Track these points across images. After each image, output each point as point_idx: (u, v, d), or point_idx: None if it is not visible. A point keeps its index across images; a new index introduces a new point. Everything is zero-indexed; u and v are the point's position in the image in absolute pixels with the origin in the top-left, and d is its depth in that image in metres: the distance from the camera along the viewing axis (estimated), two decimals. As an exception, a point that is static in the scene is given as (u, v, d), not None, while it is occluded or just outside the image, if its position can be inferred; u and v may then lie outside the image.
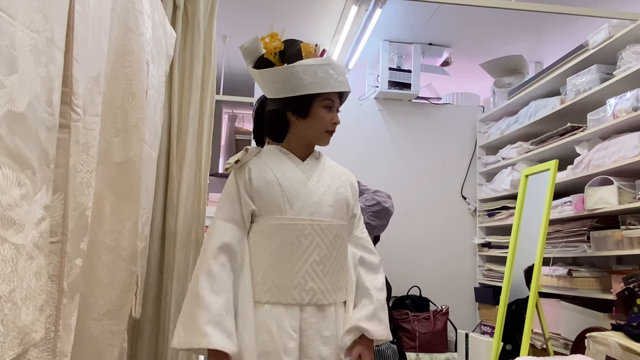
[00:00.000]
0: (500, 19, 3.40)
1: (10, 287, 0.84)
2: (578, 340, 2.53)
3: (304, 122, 1.48)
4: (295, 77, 1.41)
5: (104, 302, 1.46)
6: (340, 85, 1.47)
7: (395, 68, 3.86)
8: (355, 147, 3.78)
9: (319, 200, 1.45)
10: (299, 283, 1.38)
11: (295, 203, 1.43)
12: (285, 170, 1.47)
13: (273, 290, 1.38)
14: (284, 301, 1.37)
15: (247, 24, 3.57)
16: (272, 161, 1.49)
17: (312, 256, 1.40)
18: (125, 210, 1.52)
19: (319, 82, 1.42)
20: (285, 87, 1.43)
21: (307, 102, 1.45)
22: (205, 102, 2.21)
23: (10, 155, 0.83)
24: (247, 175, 1.46)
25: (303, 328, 1.38)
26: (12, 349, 0.86)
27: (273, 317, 1.36)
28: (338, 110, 1.52)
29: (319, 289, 1.40)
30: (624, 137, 2.50)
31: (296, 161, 1.51)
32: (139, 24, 1.52)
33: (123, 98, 1.47)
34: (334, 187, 1.50)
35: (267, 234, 1.42)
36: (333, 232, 1.45)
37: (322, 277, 1.41)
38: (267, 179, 1.44)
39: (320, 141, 1.52)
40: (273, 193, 1.43)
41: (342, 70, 1.48)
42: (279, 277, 1.39)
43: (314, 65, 1.42)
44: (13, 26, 0.81)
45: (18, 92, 0.83)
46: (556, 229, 2.94)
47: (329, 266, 1.43)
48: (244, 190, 1.45)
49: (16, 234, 0.85)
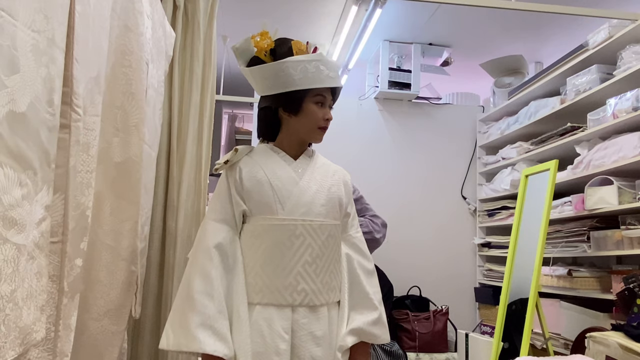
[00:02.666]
0: (500, 19, 3.40)
1: (11, 287, 0.84)
2: (578, 340, 2.53)
3: (295, 119, 1.47)
4: (285, 73, 1.41)
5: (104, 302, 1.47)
6: (332, 80, 1.45)
7: (395, 68, 3.85)
8: (355, 147, 3.78)
9: (311, 200, 1.44)
10: (290, 284, 1.37)
11: (286, 203, 1.41)
12: (276, 170, 1.46)
13: (264, 291, 1.37)
14: (275, 302, 1.36)
15: (247, 24, 3.57)
16: (263, 160, 1.48)
17: (303, 256, 1.39)
18: (125, 210, 1.52)
19: (309, 77, 1.41)
20: (276, 83, 1.43)
21: (298, 98, 1.44)
22: (205, 102, 2.21)
23: (11, 155, 0.83)
24: (238, 175, 1.44)
25: (295, 329, 1.36)
26: (13, 349, 0.86)
27: (264, 318, 1.35)
28: (331, 107, 1.50)
29: (310, 290, 1.39)
30: (624, 137, 2.50)
31: (288, 160, 1.49)
32: (139, 24, 1.52)
33: (123, 98, 1.47)
34: (326, 186, 1.49)
35: (258, 234, 1.41)
36: (325, 232, 1.44)
37: (314, 277, 1.40)
38: (258, 178, 1.43)
39: (313, 138, 1.51)
40: (264, 193, 1.42)
41: (333, 66, 1.46)
42: (270, 277, 1.37)
43: (305, 61, 1.41)
44: (14, 26, 0.81)
45: (19, 92, 0.83)
46: (556, 229, 2.94)
47: (321, 266, 1.41)
48: (234, 190, 1.44)
49: (17, 234, 0.85)
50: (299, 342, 1.36)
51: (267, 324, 1.34)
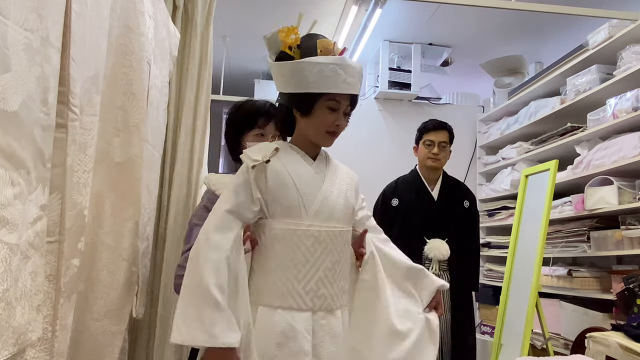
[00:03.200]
0: (500, 19, 3.40)
1: (3, 286, 0.83)
2: (578, 340, 2.53)
3: (306, 120, 1.43)
4: (300, 74, 1.37)
5: (104, 302, 1.46)
6: (348, 87, 1.40)
7: (395, 68, 3.85)
8: (355, 147, 3.77)
9: (333, 205, 1.42)
10: (312, 289, 1.37)
11: (310, 207, 1.39)
12: (299, 170, 1.42)
13: (286, 295, 1.36)
14: (296, 307, 1.36)
15: (247, 24, 3.57)
16: (286, 159, 1.43)
17: (324, 262, 1.39)
18: (125, 210, 1.52)
19: (323, 81, 1.37)
20: (290, 82, 1.40)
21: (311, 100, 1.40)
22: (199, 101, 2.19)
23: (2, 154, 0.82)
24: (264, 173, 1.39)
25: (315, 330, 1.37)
26: (6, 349, 0.85)
27: (286, 320, 1.35)
28: (347, 114, 1.46)
29: (329, 295, 1.39)
30: (624, 137, 2.50)
31: (308, 160, 1.46)
32: (140, 24, 1.51)
33: (123, 98, 1.47)
34: (344, 191, 1.47)
35: (282, 237, 1.38)
36: (343, 238, 1.44)
37: (332, 282, 1.40)
38: (283, 178, 1.39)
39: (320, 141, 1.48)
40: (289, 195, 1.38)
41: (353, 72, 1.41)
42: (292, 282, 1.36)
43: (322, 63, 1.36)
44: (5, 25, 0.80)
45: (10, 91, 0.83)
46: (556, 229, 2.93)
47: (338, 271, 1.42)
48: (256, 186, 1.38)
49: (9, 233, 0.84)
50: (319, 342, 1.37)
51: (289, 325, 1.34)
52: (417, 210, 2.57)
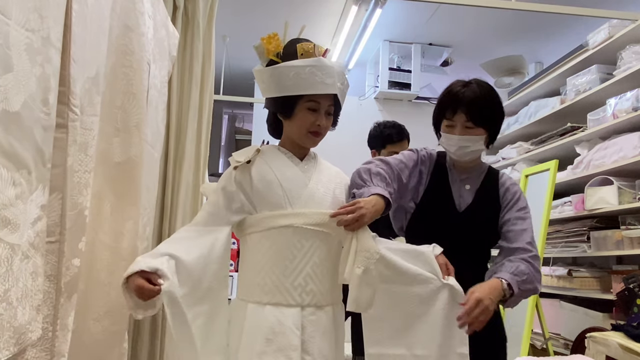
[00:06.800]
0: (500, 19, 3.40)
1: (5, 286, 0.84)
2: (578, 340, 2.53)
3: (289, 122, 1.49)
4: (277, 78, 1.42)
5: (104, 302, 1.46)
6: (326, 87, 1.43)
7: (395, 68, 3.86)
8: (355, 147, 3.76)
9: (319, 202, 1.45)
10: (299, 284, 1.39)
11: (296, 204, 1.43)
12: (285, 170, 1.46)
13: (274, 291, 1.39)
14: (284, 302, 1.38)
15: (247, 24, 3.57)
16: (272, 160, 1.48)
17: (312, 258, 1.41)
18: (125, 211, 1.51)
19: (300, 83, 1.40)
20: (270, 87, 1.45)
21: (291, 102, 1.44)
22: (204, 102, 2.20)
23: (4, 155, 0.82)
24: (248, 174, 1.45)
25: (304, 325, 1.39)
26: (7, 349, 0.85)
27: (275, 316, 1.37)
28: (330, 114, 1.48)
29: (318, 291, 1.41)
30: (624, 137, 2.50)
31: (295, 160, 1.51)
32: (140, 24, 1.51)
33: (123, 98, 1.47)
34: (331, 189, 1.50)
35: (269, 236, 1.42)
36: (332, 236, 1.45)
37: (321, 278, 1.42)
38: (268, 179, 1.44)
39: (304, 142, 1.51)
40: (274, 194, 1.43)
41: (331, 72, 1.43)
42: (280, 278, 1.40)
43: (298, 66, 1.40)
44: (7, 25, 0.81)
45: (13, 91, 0.83)
46: (556, 229, 2.93)
47: (327, 267, 1.44)
48: (240, 187, 1.44)
49: (11, 233, 0.84)
50: (308, 337, 1.39)
51: (278, 321, 1.36)
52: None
